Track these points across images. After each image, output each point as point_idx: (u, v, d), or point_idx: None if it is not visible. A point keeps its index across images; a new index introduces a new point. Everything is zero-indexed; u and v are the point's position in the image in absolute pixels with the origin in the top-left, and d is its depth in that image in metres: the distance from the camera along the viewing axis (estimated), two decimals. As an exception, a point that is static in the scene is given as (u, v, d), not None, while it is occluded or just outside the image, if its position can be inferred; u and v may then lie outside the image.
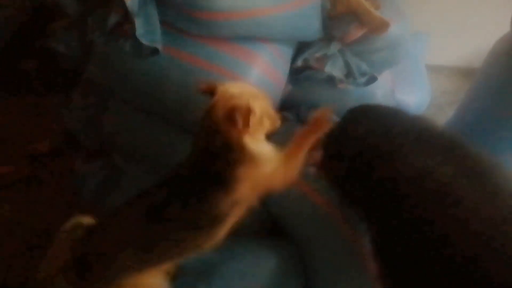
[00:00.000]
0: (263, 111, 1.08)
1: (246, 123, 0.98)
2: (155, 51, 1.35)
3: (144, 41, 1.31)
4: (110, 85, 1.54)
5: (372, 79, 1.67)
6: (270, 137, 1.16)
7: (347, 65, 1.67)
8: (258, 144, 1.07)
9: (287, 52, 1.68)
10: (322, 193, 1.40)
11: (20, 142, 2.29)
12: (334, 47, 1.66)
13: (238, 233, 1.11)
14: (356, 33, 1.65)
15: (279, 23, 1.51)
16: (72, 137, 1.93)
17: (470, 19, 2.50)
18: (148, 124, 1.55)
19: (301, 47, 1.73)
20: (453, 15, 2.51)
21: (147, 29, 1.33)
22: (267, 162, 1.05)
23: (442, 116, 2.16)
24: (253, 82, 1.47)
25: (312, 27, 1.65)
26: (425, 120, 0.93)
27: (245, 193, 1.02)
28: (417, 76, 2.24)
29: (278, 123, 1.18)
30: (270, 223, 1.51)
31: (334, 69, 1.66)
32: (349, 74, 1.67)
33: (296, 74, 1.72)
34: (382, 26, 1.57)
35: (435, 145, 0.85)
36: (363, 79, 1.67)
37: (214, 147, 1.02)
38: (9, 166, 2.18)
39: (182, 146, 1.50)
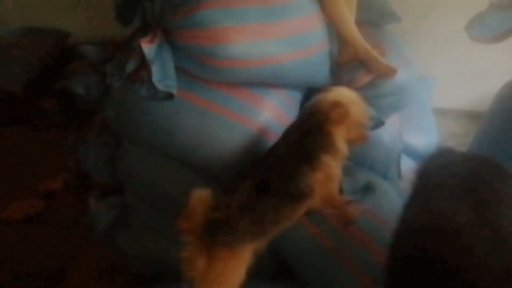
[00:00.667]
0: (356, 121, 1.30)
1: (340, 120, 1.23)
2: (169, 96, 1.41)
3: (160, 86, 1.38)
4: (125, 127, 1.59)
5: (379, 123, 1.70)
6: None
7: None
8: (341, 142, 1.27)
9: (296, 96, 1.74)
10: (329, 235, 1.42)
11: (35, 178, 2.35)
12: (341, 93, 1.71)
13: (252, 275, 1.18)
14: (363, 79, 1.70)
15: (290, 70, 1.57)
16: (85, 174, 1.98)
17: (477, 64, 2.55)
18: (161, 165, 1.59)
19: (310, 92, 1.79)
20: (461, 60, 2.58)
21: (162, 75, 1.40)
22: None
23: (450, 159, 2.17)
24: (263, 125, 1.53)
25: (321, 73, 1.72)
26: None
27: (322, 176, 1.23)
28: (424, 119, 2.27)
29: (365, 138, 1.36)
30: (277, 264, 1.52)
31: (342, 113, 1.70)
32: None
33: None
34: (389, 72, 1.63)
35: None
36: (370, 123, 1.70)
37: (309, 127, 1.26)
38: (23, 200, 2.23)
39: (193, 185, 1.54)
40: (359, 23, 1.85)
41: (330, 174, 1.27)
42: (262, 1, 1.43)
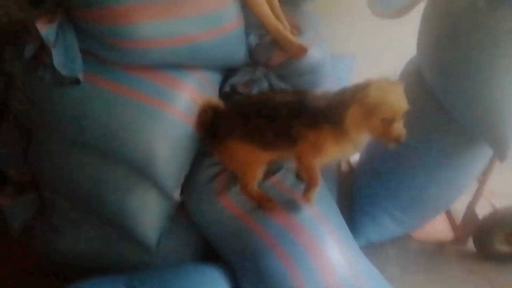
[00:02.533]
0: (383, 117, 1.20)
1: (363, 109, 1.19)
2: (76, 81, 1.35)
3: (63, 71, 1.30)
4: (33, 117, 1.50)
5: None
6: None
7: (272, 88, 1.74)
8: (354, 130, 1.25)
9: (214, 78, 1.73)
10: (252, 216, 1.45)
11: None
12: (259, 72, 1.74)
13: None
14: (279, 58, 1.73)
15: (203, 50, 1.56)
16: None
17: (392, 40, 2.69)
18: (75, 157, 1.51)
19: (228, 73, 1.79)
20: (377, 38, 2.70)
21: (66, 58, 1.33)
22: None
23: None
24: (181, 108, 1.50)
25: (237, 53, 1.72)
26: None
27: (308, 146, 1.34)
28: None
29: (396, 139, 1.23)
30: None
31: (261, 92, 1.73)
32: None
33: (225, 99, 1.76)
34: (300, 51, 1.67)
35: None
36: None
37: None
38: None
39: (112, 175, 1.50)
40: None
41: (319, 143, 1.32)
42: (167, -20, 1.39)
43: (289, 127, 1.36)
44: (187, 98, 1.53)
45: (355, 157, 2.28)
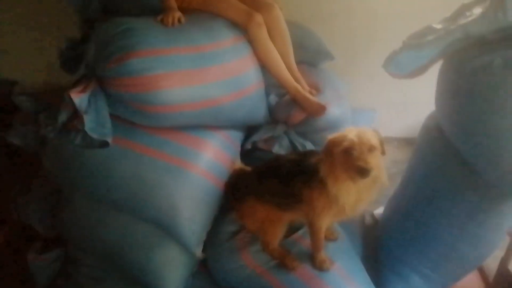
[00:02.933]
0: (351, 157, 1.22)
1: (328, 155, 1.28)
2: (105, 144, 1.42)
3: (94, 135, 1.38)
4: (63, 177, 1.57)
5: (318, 157, 1.77)
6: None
7: (292, 144, 1.78)
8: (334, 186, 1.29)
9: (236, 136, 1.78)
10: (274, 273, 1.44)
11: (-24, 234, 2.24)
12: (280, 129, 1.79)
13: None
14: (299, 116, 1.78)
15: (226, 111, 1.63)
16: (28, 226, 1.92)
17: (412, 94, 2.72)
18: (102, 215, 1.56)
19: (250, 130, 1.84)
20: (397, 92, 2.74)
21: (97, 123, 1.41)
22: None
23: (394, 185, 2.26)
24: (204, 167, 1.55)
25: (259, 112, 1.78)
26: None
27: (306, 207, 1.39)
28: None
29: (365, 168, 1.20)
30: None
31: (281, 149, 1.77)
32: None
33: (246, 156, 1.81)
34: (319, 110, 1.71)
35: None
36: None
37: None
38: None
39: (137, 233, 1.53)
40: (296, 62, 1.96)
41: (314, 206, 1.37)
42: (191, 48, 1.49)
43: (292, 186, 1.40)
44: (210, 157, 1.58)
45: (379, 210, 2.25)
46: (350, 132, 1.25)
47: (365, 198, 1.33)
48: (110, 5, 1.81)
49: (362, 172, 1.18)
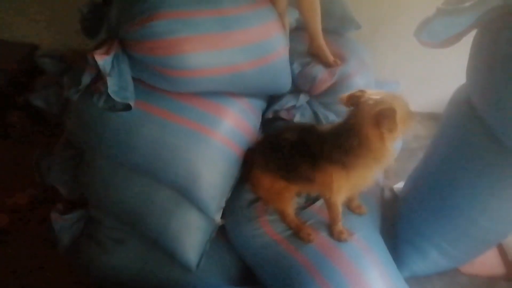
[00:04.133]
0: (403, 113, 1.21)
1: (394, 126, 1.16)
2: (127, 107, 1.41)
3: (117, 98, 1.37)
4: (85, 140, 1.58)
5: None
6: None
7: (315, 115, 1.75)
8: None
9: (258, 105, 1.76)
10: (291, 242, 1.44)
11: (1, 193, 2.31)
12: (302, 99, 1.75)
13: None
14: (322, 85, 1.74)
15: (249, 78, 1.59)
16: (51, 188, 1.96)
17: (437, 67, 2.64)
18: (124, 178, 1.58)
19: (272, 99, 1.81)
20: (421, 64, 2.66)
21: (120, 86, 1.40)
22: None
23: (415, 160, 2.22)
24: (225, 135, 1.54)
25: (281, 81, 1.75)
26: None
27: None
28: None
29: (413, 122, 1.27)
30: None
31: (303, 119, 1.74)
32: (317, 123, 1.75)
33: (268, 124, 1.79)
34: (333, 63, 1.78)
35: None
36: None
37: (349, 145, 1.24)
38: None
39: (157, 197, 1.55)
40: (321, 29, 1.91)
41: (327, 181, 1.34)
42: (216, 11, 1.45)
43: (298, 166, 1.39)
44: (230, 124, 1.57)
45: (398, 185, 2.23)
46: (393, 101, 1.20)
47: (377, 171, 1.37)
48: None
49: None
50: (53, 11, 2.74)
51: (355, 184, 1.37)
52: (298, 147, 1.40)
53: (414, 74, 2.70)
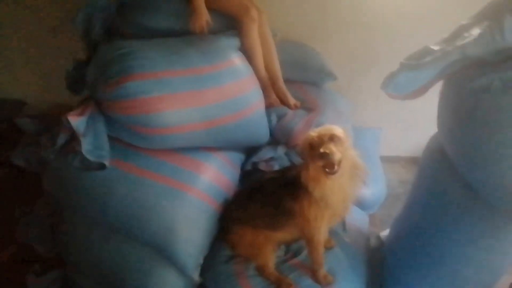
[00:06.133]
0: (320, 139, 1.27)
1: (306, 152, 1.29)
2: (102, 166, 1.42)
3: (91, 157, 1.39)
4: (62, 198, 1.58)
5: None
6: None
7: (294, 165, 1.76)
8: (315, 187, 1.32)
9: (236, 158, 1.77)
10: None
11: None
12: (280, 150, 1.77)
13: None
14: (299, 136, 1.76)
15: (226, 133, 1.62)
16: (31, 246, 1.93)
17: (419, 113, 2.68)
18: (101, 238, 1.56)
19: (250, 151, 1.83)
20: (404, 111, 2.71)
21: (94, 145, 1.42)
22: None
23: (400, 206, 2.21)
24: (202, 190, 1.54)
25: (259, 133, 1.78)
26: None
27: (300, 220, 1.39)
28: (371, 170, 2.33)
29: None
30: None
31: (282, 170, 1.75)
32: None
33: (247, 177, 1.79)
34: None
35: None
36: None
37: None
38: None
39: (133, 257, 1.52)
40: (299, 82, 1.97)
41: (307, 217, 1.37)
42: (189, 71, 1.50)
43: (281, 204, 1.41)
44: (208, 179, 1.57)
45: (385, 232, 2.20)
46: (312, 131, 1.31)
47: (351, 192, 1.38)
48: (112, 28, 1.84)
49: (324, 157, 1.21)
50: (40, 69, 2.81)
51: (327, 211, 1.38)
52: (279, 180, 1.45)
53: (396, 120, 2.75)
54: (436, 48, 1.37)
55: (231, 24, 1.85)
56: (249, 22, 1.80)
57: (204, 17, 1.68)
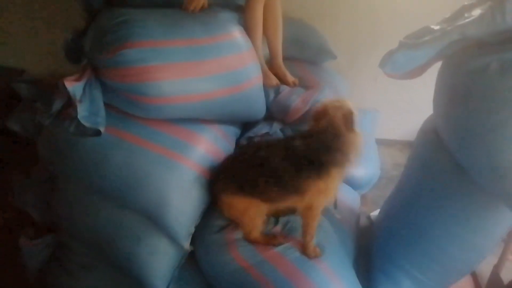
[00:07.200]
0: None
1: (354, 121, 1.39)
2: (98, 133, 1.43)
3: (87, 123, 1.39)
4: (56, 164, 1.59)
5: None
6: None
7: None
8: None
9: (231, 131, 1.78)
10: (257, 268, 1.45)
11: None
12: (276, 126, 1.78)
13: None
14: (296, 113, 1.77)
15: (221, 106, 1.62)
16: (23, 212, 1.95)
17: (416, 96, 2.69)
18: (94, 204, 1.57)
19: (246, 126, 1.84)
20: (401, 94, 2.71)
21: (90, 112, 1.42)
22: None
23: (393, 188, 2.24)
24: (196, 161, 1.55)
25: (255, 108, 1.78)
26: None
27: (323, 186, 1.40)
28: (366, 151, 2.34)
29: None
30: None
31: (277, 146, 1.76)
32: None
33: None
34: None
35: None
36: None
37: (327, 140, 1.38)
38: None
39: (125, 223, 1.54)
40: (298, 59, 1.96)
41: (329, 187, 1.42)
42: (189, 41, 1.49)
43: (294, 180, 1.40)
44: (202, 150, 1.58)
45: (375, 212, 2.23)
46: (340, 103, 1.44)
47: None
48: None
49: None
50: (41, 37, 2.79)
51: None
52: (288, 159, 1.41)
53: (393, 103, 2.76)
54: (436, 27, 1.37)
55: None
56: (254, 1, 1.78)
57: (201, 1, 1.67)
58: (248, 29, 1.81)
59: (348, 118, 1.39)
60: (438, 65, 1.51)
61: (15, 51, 2.88)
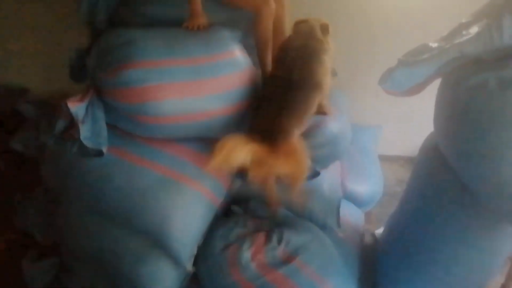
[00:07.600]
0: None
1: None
2: (100, 153, 1.43)
3: (89, 144, 1.40)
4: (59, 184, 1.60)
5: (315, 174, 1.75)
6: None
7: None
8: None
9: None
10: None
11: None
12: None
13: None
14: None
15: (221, 124, 1.63)
16: (26, 234, 1.94)
17: (418, 112, 2.68)
18: (97, 225, 1.56)
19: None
20: (403, 109, 2.71)
21: (93, 132, 1.44)
22: None
23: (396, 204, 2.22)
24: (199, 181, 1.56)
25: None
26: None
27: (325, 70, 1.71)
28: (368, 167, 2.34)
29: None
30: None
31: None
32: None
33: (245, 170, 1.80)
34: None
35: None
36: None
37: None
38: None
39: (128, 245, 1.53)
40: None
41: (327, 68, 1.70)
42: (188, 60, 1.51)
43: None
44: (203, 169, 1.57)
45: (380, 230, 2.21)
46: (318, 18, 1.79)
47: None
48: (116, 17, 1.85)
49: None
50: (43, 58, 2.83)
51: None
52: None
53: (396, 119, 2.76)
54: (434, 45, 1.38)
55: (237, 18, 1.86)
56: (266, 12, 1.78)
57: (200, 21, 1.69)
58: (261, 44, 1.82)
59: (324, 27, 1.72)
60: (439, 81, 1.52)
61: (19, 71, 2.92)
